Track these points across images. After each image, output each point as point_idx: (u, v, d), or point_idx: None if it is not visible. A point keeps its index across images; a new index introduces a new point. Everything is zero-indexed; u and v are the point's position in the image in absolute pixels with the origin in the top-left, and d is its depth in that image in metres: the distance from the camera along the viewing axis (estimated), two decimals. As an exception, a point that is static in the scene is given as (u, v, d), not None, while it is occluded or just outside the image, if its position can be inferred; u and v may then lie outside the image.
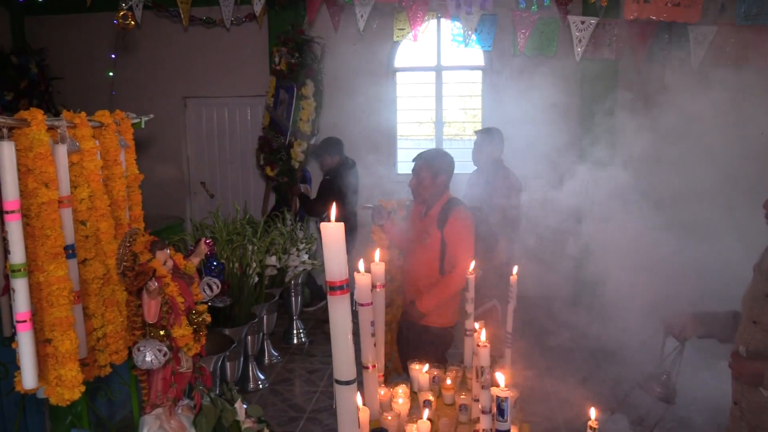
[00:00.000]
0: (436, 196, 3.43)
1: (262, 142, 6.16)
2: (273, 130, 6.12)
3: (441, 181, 3.42)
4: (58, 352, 2.01)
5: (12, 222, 1.90)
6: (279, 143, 6.06)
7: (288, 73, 6.02)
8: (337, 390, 1.49)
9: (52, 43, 7.16)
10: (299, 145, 6.06)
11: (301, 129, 6.04)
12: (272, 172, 6.04)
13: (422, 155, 3.50)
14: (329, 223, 1.46)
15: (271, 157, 6.06)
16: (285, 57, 6.01)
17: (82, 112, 2.33)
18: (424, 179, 3.41)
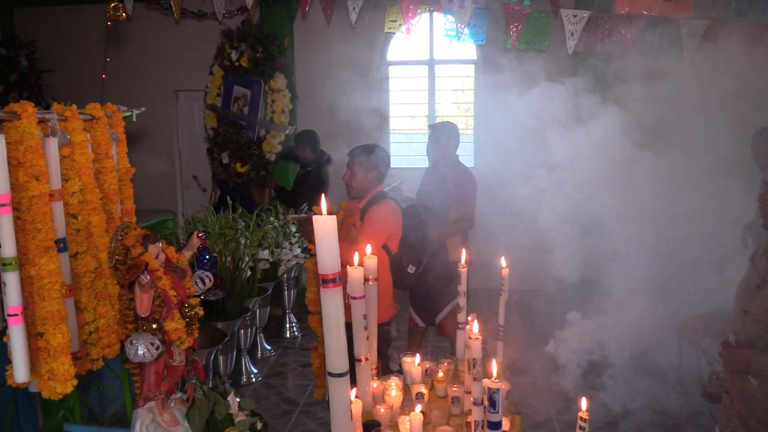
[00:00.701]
0: (367, 190, 3.41)
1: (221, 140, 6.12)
2: (229, 127, 6.09)
3: (373, 175, 3.40)
4: (50, 345, 2.01)
5: (3, 215, 1.89)
6: (246, 139, 6.06)
7: (251, 69, 6.03)
8: (330, 382, 1.49)
9: (43, 35, 7.10)
10: (274, 137, 6.09)
11: (276, 121, 6.08)
12: (243, 168, 6.04)
13: (356, 149, 3.47)
14: (321, 216, 1.46)
15: (240, 154, 6.06)
16: (247, 52, 6.02)
17: (73, 105, 2.32)
18: (357, 173, 3.39)
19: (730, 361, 2.23)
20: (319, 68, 6.90)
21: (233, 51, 6.07)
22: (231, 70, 6.12)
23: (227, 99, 6.19)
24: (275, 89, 6.09)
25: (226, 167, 6.13)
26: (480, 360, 1.88)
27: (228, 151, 6.11)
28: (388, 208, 3.36)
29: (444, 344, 5.28)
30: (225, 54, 6.13)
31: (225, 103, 6.19)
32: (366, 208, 3.38)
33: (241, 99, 6.15)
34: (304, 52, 7.00)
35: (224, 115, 6.18)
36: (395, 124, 7.35)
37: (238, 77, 6.14)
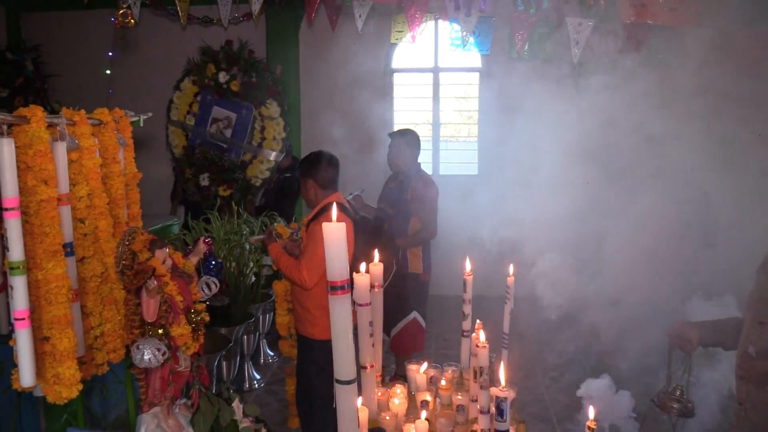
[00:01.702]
0: (315, 203, 3.31)
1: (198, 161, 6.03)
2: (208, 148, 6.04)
3: (310, 185, 3.27)
4: (56, 350, 2.00)
5: (11, 219, 1.89)
6: (230, 162, 6.01)
7: (242, 93, 5.99)
8: (338, 389, 1.49)
9: (49, 40, 7.13)
10: (261, 162, 6.03)
11: (267, 147, 6.04)
12: (226, 192, 5.96)
13: (303, 161, 3.38)
14: (331, 223, 1.46)
15: (224, 177, 5.99)
16: (239, 76, 5.99)
17: (82, 109, 2.33)
18: (303, 185, 3.31)
19: (750, 373, 2.23)
20: (323, 75, 6.92)
21: (222, 72, 6.02)
22: (213, 90, 6.05)
23: (203, 119, 6.11)
24: (266, 116, 6.06)
25: (204, 189, 6.03)
26: (487, 368, 1.87)
27: (208, 173, 6.02)
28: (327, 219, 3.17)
29: (449, 351, 5.27)
30: (205, 73, 6.06)
31: (200, 123, 6.11)
32: (309, 222, 3.26)
33: (222, 121, 6.08)
34: (308, 58, 7.03)
35: (198, 135, 6.10)
36: (399, 131, 7.36)
37: (221, 99, 6.07)
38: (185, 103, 6.16)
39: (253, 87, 6.02)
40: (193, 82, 6.16)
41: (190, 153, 6.08)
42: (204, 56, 6.14)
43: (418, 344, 4.34)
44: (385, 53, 7.03)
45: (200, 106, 6.08)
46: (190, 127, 6.08)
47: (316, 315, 3.24)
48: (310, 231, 3.19)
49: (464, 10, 4.75)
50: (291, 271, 3.17)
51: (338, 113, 6.70)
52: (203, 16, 6.08)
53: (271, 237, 3.38)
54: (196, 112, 6.10)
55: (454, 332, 5.48)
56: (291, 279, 3.23)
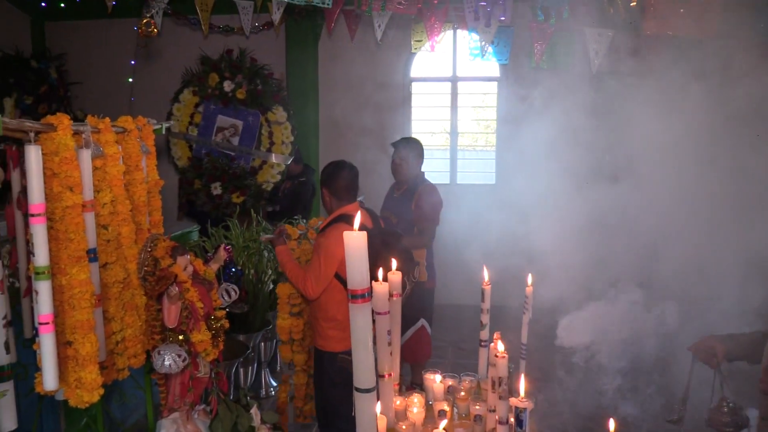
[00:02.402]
0: (331, 211, 3.30)
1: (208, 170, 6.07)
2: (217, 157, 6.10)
3: (327, 196, 3.28)
4: (78, 354, 2.03)
5: (37, 225, 1.93)
6: (240, 169, 6.07)
7: (248, 101, 6.05)
8: (357, 398, 1.49)
9: (72, 48, 7.26)
10: (272, 166, 6.10)
11: (276, 152, 6.11)
12: (239, 198, 6.01)
13: (323, 171, 3.38)
14: (352, 231, 1.47)
15: (236, 184, 6.04)
16: (245, 84, 6.05)
17: (106, 117, 2.37)
18: (323, 195, 3.32)
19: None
20: (342, 84, 6.96)
21: (226, 81, 6.06)
22: (218, 99, 6.11)
23: (207, 128, 6.15)
24: (273, 121, 6.12)
25: (217, 198, 6.08)
26: (506, 378, 1.87)
27: (220, 181, 6.07)
28: (334, 231, 3.08)
29: (466, 361, 5.24)
30: (207, 82, 6.12)
31: (204, 133, 6.15)
32: (321, 231, 3.24)
33: (228, 129, 6.12)
34: (328, 67, 7.08)
35: (203, 145, 6.16)
36: (417, 140, 7.38)
37: (226, 107, 6.12)
38: (186, 114, 6.20)
39: (259, 94, 6.07)
40: (193, 93, 6.20)
41: (197, 164, 6.13)
42: (204, 66, 6.18)
43: (426, 352, 4.34)
44: (404, 62, 7.06)
45: (203, 116, 6.11)
46: (194, 137, 6.13)
47: (323, 326, 3.25)
48: (316, 242, 3.18)
49: (483, 21, 4.77)
50: (296, 279, 3.18)
51: (357, 122, 6.74)
52: (224, 25, 6.16)
53: (280, 238, 3.38)
54: (199, 122, 6.13)
55: (470, 342, 5.46)
56: (295, 287, 3.25)
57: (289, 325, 3.54)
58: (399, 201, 4.30)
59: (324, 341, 3.29)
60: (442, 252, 4.77)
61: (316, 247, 3.18)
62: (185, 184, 6.24)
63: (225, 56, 6.12)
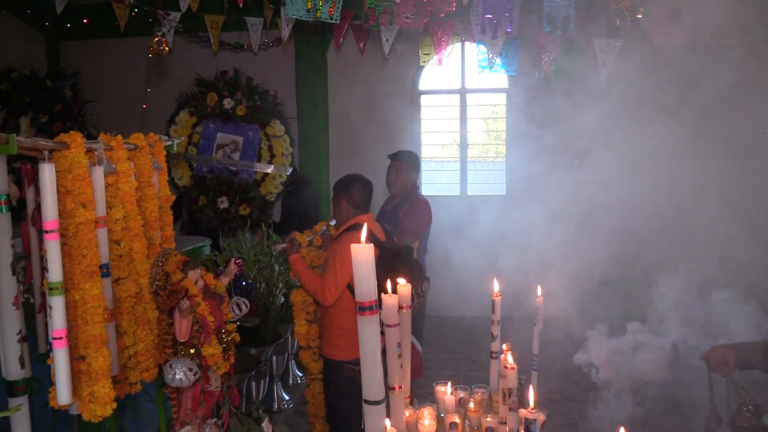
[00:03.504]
0: (344, 221, 3.35)
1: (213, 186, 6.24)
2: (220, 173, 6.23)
3: (345, 206, 3.35)
4: (91, 368, 2.05)
5: (51, 241, 1.95)
6: (244, 182, 6.25)
7: (248, 117, 6.29)
8: (366, 410, 1.50)
9: (86, 67, 7.37)
10: (274, 178, 6.34)
11: (277, 163, 6.36)
12: (246, 210, 6.23)
13: (337, 182, 3.46)
14: (359, 244, 1.48)
15: (242, 196, 6.24)
16: (244, 102, 6.28)
17: (118, 135, 2.41)
18: (335, 206, 3.39)
19: None
20: (351, 98, 7.00)
21: (227, 99, 6.30)
22: (217, 117, 6.31)
23: (207, 147, 6.35)
24: (272, 135, 6.39)
25: (224, 212, 6.24)
26: (516, 390, 1.86)
27: (226, 195, 6.25)
28: (348, 240, 3.16)
29: (477, 374, 5.22)
30: (206, 102, 6.33)
31: (204, 151, 6.34)
32: (336, 238, 3.33)
33: (229, 146, 6.37)
34: (337, 82, 7.13)
35: (205, 162, 6.32)
36: (426, 152, 7.40)
37: (225, 125, 6.33)
38: (184, 134, 6.40)
39: (259, 109, 6.30)
40: (190, 114, 6.40)
41: (200, 181, 6.27)
42: (201, 87, 6.38)
43: (416, 371, 4.23)
44: (413, 75, 7.10)
45: (202, 135, 6.35)
46: (195, 156, 6.29)
47: (332, 335, 3.29)
48: (332, 249, 3.25)
49: (490, 33, 4.79)
50: (314, 286, 3.23)
51: (366, 135, 6.77)
52: (234, 42, 6.24)
53: (293, 246, 3.42)
54: (198, 141, 6.31)
55: (483, 354, 5.44)
56: (312, 295, 3.29)
57: (305, 332, 3.57)
58: (390, 214, 4.28)
59: (330, 349, 3.33)
60: (452, 263, 4.77)
61: (331, 253, 3.24)
62: (189, 202, 6.37)
63: (220, 76, 6.31)
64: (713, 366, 2.49)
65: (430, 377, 4.20)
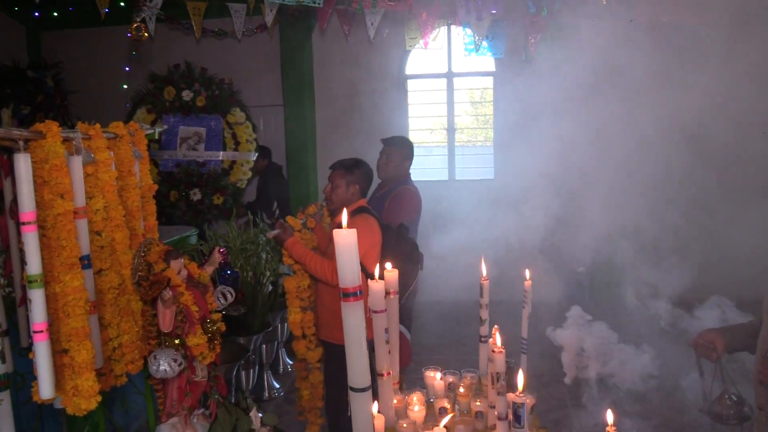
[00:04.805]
0: (348, 204, 3.29)
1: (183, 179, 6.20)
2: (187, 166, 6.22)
3: (354, 190, 3.31)
4: (74, 362, 2.02)
5: (28, 233, 1.92)
6: (213, 172, 6.23)
7: (208, 107, 6.25)
8: (352, 397, 1.48)
9: (68, 57, 7.26)
10: (243, 164, 6.32)
11: (243, 150, 6.32)
12: (220, 199, 6.21)
13: (339, 163, 3.39)
14: (341, 229, 1.46)
15: (215, 186, 6.21)
16: (203, 93, 6.23)
17: (97, 123, 2.36)
18: (338, 187, 3.31)
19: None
20: (337, 83, 6.94)
21: (186, 91, 6.24)
22: (177, 111, 6.25)
23: (170, 142, 6.29)
24: (234, 123, 6.33)
25: (197, 203, 6.21)
26: (504, 374, 1.85)
27: (198, 187, 6.22)
28: (364, 223, 3.20)
29: (467, 357, 5.22)
30: (163, 97, 6.26)
31: (168, 146, 6.29)
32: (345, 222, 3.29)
33: (192, 138, 6.30)
34: (322, 67, 7.06)
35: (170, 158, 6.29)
36: (414, 137, 7.37)
37: (186, 117, 6.28)
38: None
39: (217, 99, 6.25)
40: (147, 111, 6.31)
41: (168, 177, 6.25)
42: (156, 83, 6.30)
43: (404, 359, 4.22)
44: (399, 60, 7.04)
45: (164, 131, 6.26)
46: (158, 153, 6.26)
47: (335, 316, 3.23)
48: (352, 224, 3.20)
49: (476, 14, 4.75)
50: (322, 268, 3.16)
51: (353, 121, 6.73)
52: (217, 29, 6.15)
53: (287, 231, 3.34)
54: (160, 137, 6.27)
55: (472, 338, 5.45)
56: (320, 278, 3.21)
57: (300, 320, 3.50)
58: (377, 201, 4.17)
59: (328, 331, 3.30)
60: (441, 248, 4.75)
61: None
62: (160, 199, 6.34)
63: (174, 69, 6.29)
64: (701, 351, 2.49)
65: (420, 362, 4.17)
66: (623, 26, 4.81)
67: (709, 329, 2.51)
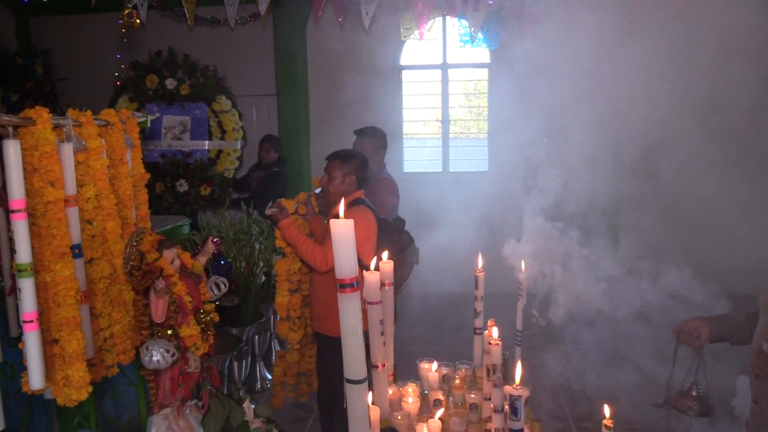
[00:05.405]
0: (345, 195, 3.26)
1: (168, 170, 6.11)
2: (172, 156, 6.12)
3: (351, 180, 3.29)
4: (65, 352, 1.99)
5: (18, 221, 1.88)
6: (200, 162, 6.12)
7: (193, 95, 6.13)
8: (348, 389, 1.46)
9: (58, 44, 7.17)
10: (229, 153, 6.22)
11: (229, 139, 6.22)
12: (207, 190, 6.12)
13: (335, 154, 3.37)
14: (339, 219, 1.43)
15: (201, 176, 6.11)
16: (186, 80, 6.10)
17: (88, 110, 2.32)
18: (334, 178, 3.28)
19: (765, 370, 2.17)
20: (331, 73, 6.90)
21: (169, 80, 6.09)
22: (160, 99, 6.12)
23: (155, 131, 6.17)
24: (219, 111, 6.22)
25: (185, 195, 6.10)
26: (500, 366, 1.84)
27: (184, 178, 6.12)
28: (360, 214, 3.19)
29: (462, 350, 5.22)
30: (145, 85, 6.11)
31: (152, 136, 6.17)
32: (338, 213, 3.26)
33: (177, 127, 6.19)
34: (316, 57, 7.01)
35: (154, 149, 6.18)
36: (408, 129, 7.34)
37: (170, 106, 6.14)
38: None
39: (202, 87, 6.12)
40: (130, 100, 6.18)
41: (152, 168, 6.14)
42: (137, 70, 6.15)
43: None
44: (394, 50, 6.99)
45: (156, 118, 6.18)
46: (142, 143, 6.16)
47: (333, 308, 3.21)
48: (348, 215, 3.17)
49: (472, 5, 4.71)
50: (312, 252, 3.14)
51: (347, 111, 6.68)
52: (210, 16, 6.08)
53: (283, 212, 3.31)
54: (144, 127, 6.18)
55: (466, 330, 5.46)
56: (309, 262, 3.19)
57: (287, 302, 3.47)
58: None
59: (321, 323, 3.29)
60: (436, 240, 4.74)
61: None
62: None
63: (156, 57, 6.13)
64: (684, 338, 2.49)
65: (414, 354, 4.19)
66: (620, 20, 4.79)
67: (695, 317, 2.51)
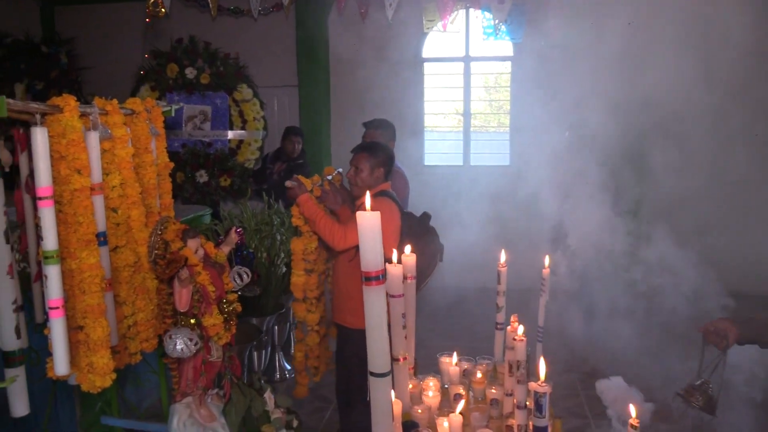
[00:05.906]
0: (371, 187, 3.23)
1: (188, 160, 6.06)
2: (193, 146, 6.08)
3: (379, 173, 3.27)
4: (89, 339, 2.01)
5: (45, 208, 1.89)
6: (220, 152, 6.07)
7: (213, 84, 6.08)
8: (372, 382, 1.45)
9: (82, 32, 7.22)
10: (250, 143, 6.16)
11: (250, 129, 6.17)
12: (227, 181, 6.08)
13: (362, 146, 3.36)
14: (365, 212, 1.42)
15: (221, 167, 6.07)
16: (207, 69, 6.05)
17: (114, 99, 2.33)
18: (362, 170, 3.25)
19: None
20: (353, 65, 6.87)
21: (189, 68, 6.05)
22: (181, 89, 6.08)
23: (176, 121, 6.13)
24: (240, 100, 6.17)
25: (204, 185, 6.07)
26: (524, 362, 1.82)
27: (204, 169, 6.08)
28: (384, 206, 3.13)
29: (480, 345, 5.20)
30: (166, 74, 6.07)
31: (173, 126, 6.14)
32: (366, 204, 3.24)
33: (198, 117, 6.15)
34: (338, 48, 6.99)
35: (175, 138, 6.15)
36: (429, 122, 7.30)
37: (191, 95, 6.11)
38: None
39: (223, 75, 6.07)
40: (151, 89, 6.16)
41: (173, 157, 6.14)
42: (159, 59, 6.11)
43: None
44: (416, 42, 6.95)
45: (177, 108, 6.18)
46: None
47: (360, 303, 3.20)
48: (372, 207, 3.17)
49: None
50: (331, 228, 3.12)
51: (368, 103, 6.65)
52: (233, 7, 6.08)
53: (302, 186, 3.28)
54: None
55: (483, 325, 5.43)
56: (326, 238, 3.16)
57: (303, 282, 3.45)
58: None
59: (356, 318, 3.26)
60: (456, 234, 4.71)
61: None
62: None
63: (176, 45, 6.10)
64: (711, 338, 2.43)
65: (433, 348, 4.17)
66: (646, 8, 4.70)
67: (722, 318, 2.45)
